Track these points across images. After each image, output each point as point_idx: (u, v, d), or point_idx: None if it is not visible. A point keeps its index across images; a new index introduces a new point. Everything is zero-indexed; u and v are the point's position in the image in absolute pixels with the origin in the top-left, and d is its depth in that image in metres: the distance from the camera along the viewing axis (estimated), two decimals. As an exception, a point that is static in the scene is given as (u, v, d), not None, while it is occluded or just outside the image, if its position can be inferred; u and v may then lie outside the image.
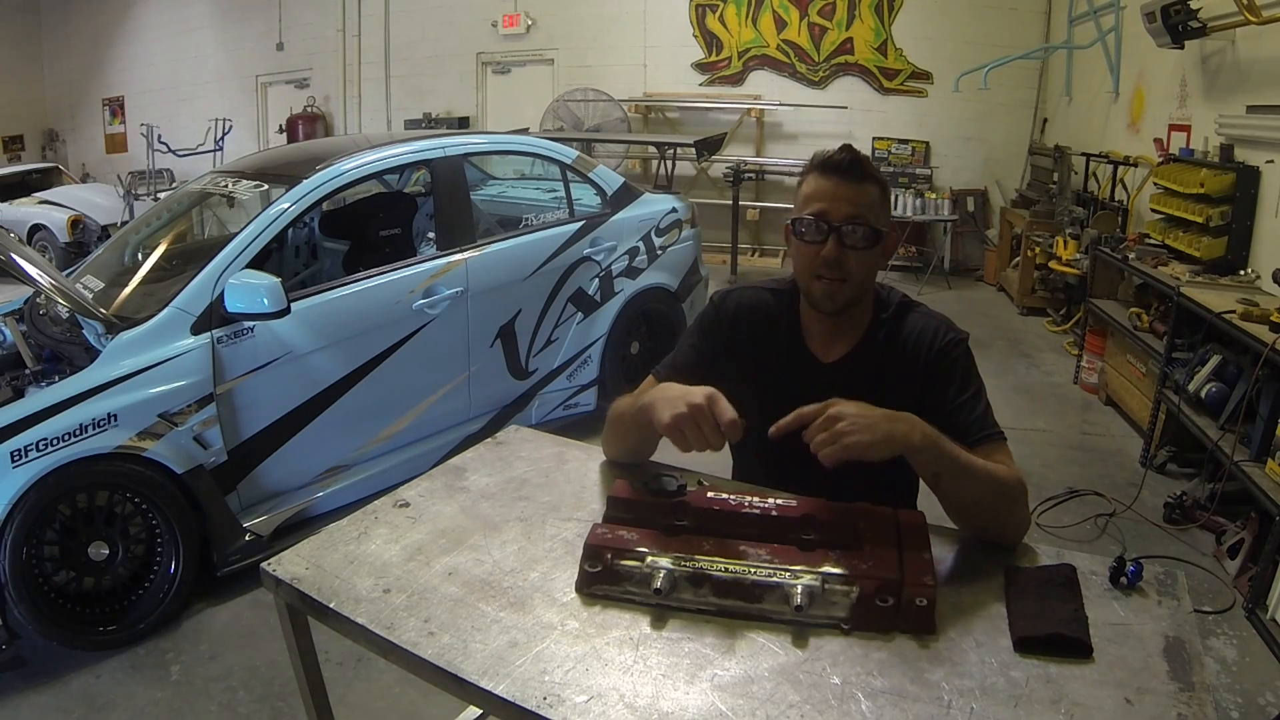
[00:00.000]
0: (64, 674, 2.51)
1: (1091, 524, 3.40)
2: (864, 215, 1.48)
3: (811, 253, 1.50)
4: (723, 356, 1.64)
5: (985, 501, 1.36)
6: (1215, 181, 4.00)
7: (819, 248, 1.49)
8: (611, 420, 1.65)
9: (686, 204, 4.73)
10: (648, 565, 1.24)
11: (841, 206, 1.48)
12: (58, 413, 2.50)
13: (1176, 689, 1.06)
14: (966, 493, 1.35)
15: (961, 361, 1.53)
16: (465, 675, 1.11)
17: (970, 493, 1.35)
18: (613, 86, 8.82)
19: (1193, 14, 4.28)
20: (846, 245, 1.48)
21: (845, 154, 1.52)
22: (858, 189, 1.49)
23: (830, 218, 1.48)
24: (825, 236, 1.48)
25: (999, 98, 7.72)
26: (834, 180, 1.50)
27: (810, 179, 1.53)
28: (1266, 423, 2.98)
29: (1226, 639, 2.70)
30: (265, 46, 10.72)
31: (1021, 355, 5.65)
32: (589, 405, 4.21)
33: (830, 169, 1.51)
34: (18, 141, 12.17)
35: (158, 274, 3.15)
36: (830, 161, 1.51)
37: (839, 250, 1.48)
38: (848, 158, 1.51)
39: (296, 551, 1.40)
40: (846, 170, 1.50)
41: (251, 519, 2.94)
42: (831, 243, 1.48)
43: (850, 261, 1.49)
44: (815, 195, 1.51)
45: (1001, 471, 1.37)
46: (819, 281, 1.51)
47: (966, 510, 1.38)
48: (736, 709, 1.04)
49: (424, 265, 3.49)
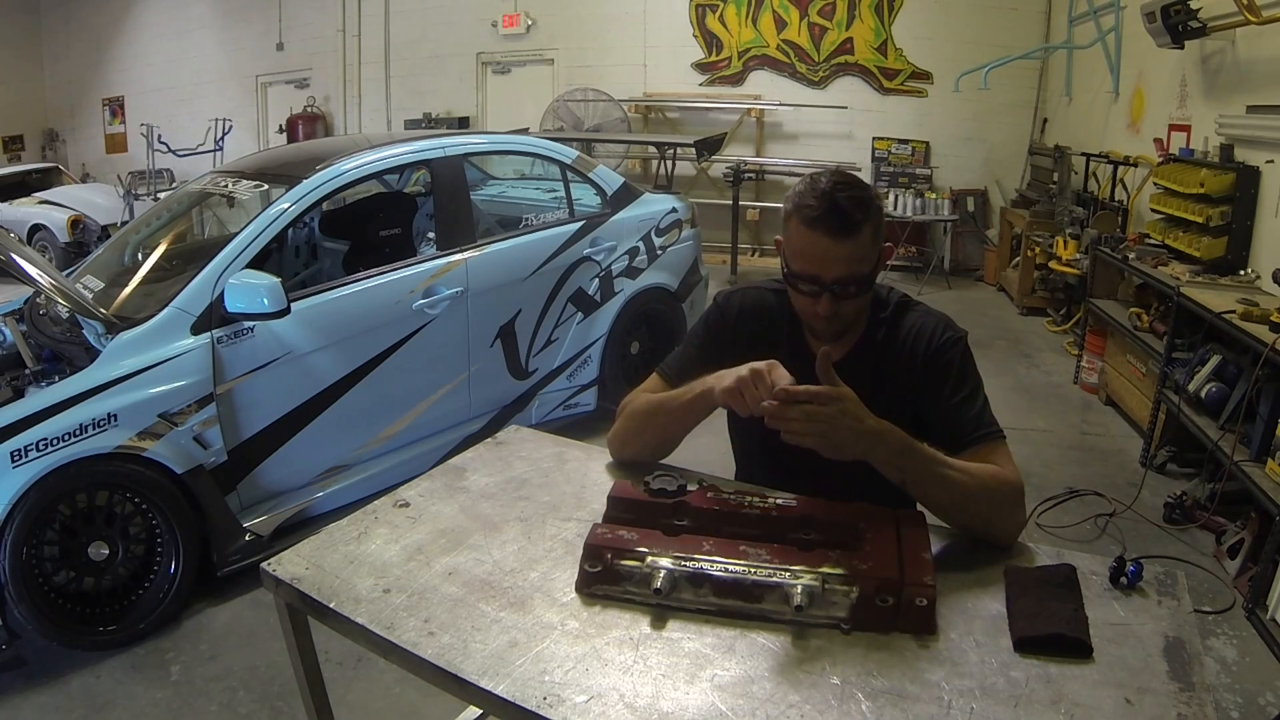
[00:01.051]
0: (64, 674, 2.51)
1: (1091, 524, 3.40)
2: (856, 270, 1.45)
3: (808, 302, 1.50)
4: (727, 355, 1.64)
5: (960, 506, 1.36)
6: (1215, 181, 4.00)
7: (814, 301, 1.48)
8: (630, 416, 1.64)
9: (686, 204, 4.73)
10: (648, 565, 1.24)
11: (834, 269, 1.44)
12: (58, 413, 2.51)
13: (1176, 689, 1.06)
14: (936, 499, 1.36)
15: (959, 359, 1.53)
16: (465, 675, 1.11)
17: (941, 499, 1.36)
18: (613, 86, 8.82)
19: (1193, 14, 4.28)
20: (840, 298, 1.47)
21: (826, 206, 1.41)
22: (849, 244, 1.43)
23: (822, 280, 1.46)
24: (819, 295, 1.47)
25: (999, 98, 7.72)
26: (823, 239, 1.42)
27: (797, 227, 1.46)
28: (1266, 423, 2.98)
29: (1226, 639, 2.70)
30: (265, 46, 10.72)
31: (1021, 355, 5.65)
32: (589, 405, 4.21)
33: (818, 227, 1.42)
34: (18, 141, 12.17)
35: (158, 274, 3.15)
36: (819, 220, 1.41)
37: (834, 304, 1.47)
38: (834, 216, 1.41)
39: (296, 551, 1.40)
40: (835, 229, 1.41)
41: (251, 519, 2.94)
42: (826, 300, 1.47)
43: (845, 308, 1.50)
44: (804, 253, 1.46)
45: (985, 476, 1.36)
46: (817, 320, 1.52)
47: (943, 514, 1.39)
48: (736, 709, 1.04)
49: (424, 265, 3.49)
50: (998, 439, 1.46)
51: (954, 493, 1.34)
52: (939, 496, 1.35)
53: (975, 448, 1.44)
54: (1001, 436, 1.47)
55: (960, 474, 1.35)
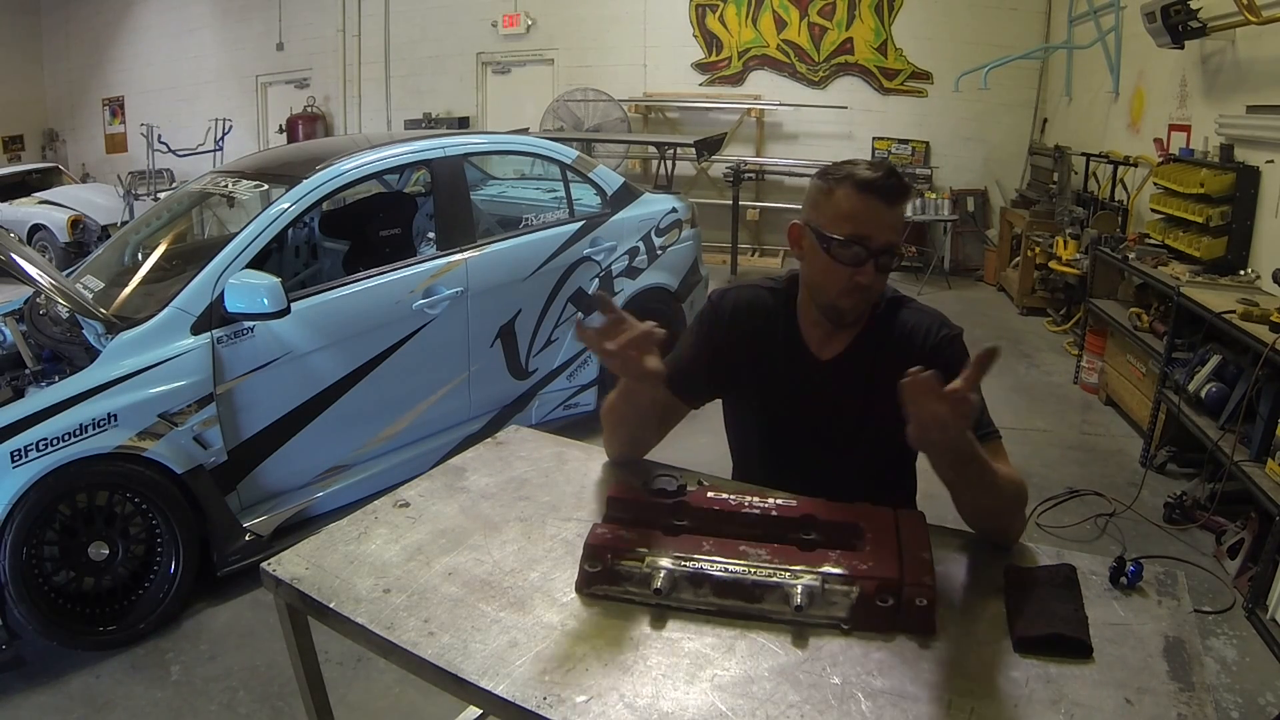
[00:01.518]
0: (64, 674, 2.51)
1: (1091, 524, 3.40)
2: (897, 241, 1.47)
3: (845, 274, 1.46)
4: (722, 354, 1.65)
5: (995, 510, 1.36)
6: (1215, 181, 4.00)
7: (854, 271, 1.45)
8: (604, 415, 1.64)
9: (686, 204, 4.73)
10: (648, 565, 1.24)
11: (884, 234, 1.45)
12: (58, 413, 2.50)
13: (1176, 689, 1.06)
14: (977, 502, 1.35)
15: (957, 357, 1.52)
16: (465, 675, 1.11)
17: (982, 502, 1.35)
18: (613, 86, 8.82)
19: (1193, 14, 4.28)
20: (879, 269, 1.46)
21: (888, 176, 1.44)
22: (897, 213, 1.46)
23: (871, 244, 1.44)
24: (863, 261, 1.45)
25: (999, 98, 7.72)
26: (876, 203, 1.44)
27: (847, 194, 1.45)
28: (1266, 423, 2.98)
29: (1226, 639, 2.70)
30: (265, 46, 10.72)
31: (1021, 355, 5.65)
32: (589, 405, 4.21)
33: (874, 190, 1.43)
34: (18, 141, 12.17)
35: (158, 274, 3.15)
36: (875, 184, 1.43)
37: (875, 275, 1.46)
38: (893, 182, 1.44)
39: (296, 551, 1.40)
40: (890, 194, 1.44)
41: (251, 519, 2.94)
42: (870, 268, 1.45)
43: (880, 282, 1.49)
44: (854, 216, 1.44)
45: (1010, 479, 1.37)
46: (848, 298, 1.49)
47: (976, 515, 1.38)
48: (736, 709, 1.04)
49: (424, 265, 3.48)
50: (995, 439, 1.46)
51: (994, 496, 1.34)
52: (983, 500, 1.34)
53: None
54: (999, 437, 1.47)
55: (1000, 479, 1.34)
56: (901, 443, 1.58)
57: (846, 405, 1.56)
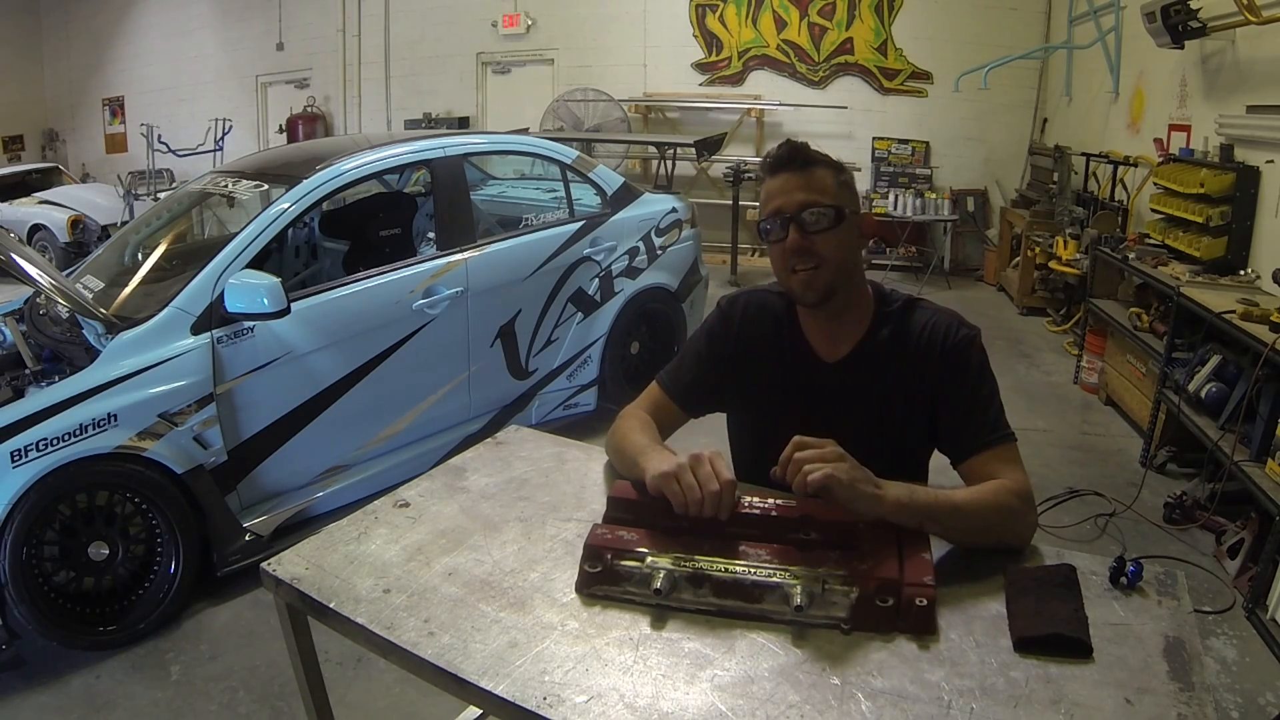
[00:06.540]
0: (64, 674, 2.51)
1: (1091, 524, 3.40)
2: (817, 199, 1.50)
3: (780, 250, 1.52)
4: (728, 362, 1.65)
5: (979, 531, 1.34)
6: (1215, 181, 4.00)
7: (784, 243, 1.51)
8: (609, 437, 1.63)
9: (686, 204, 4.73)
10: (648, 565, 1.24)
11: (794, 196, 1.50)
12: (58, 413, 2.50)
13: (1176, 689, 1.06)
14: (956, 531, 1.34)
15: (975, 359, 1.52)
16: (465, 675, 1.11)
17: (958, 528, 1.34)
18: (613, 86, 8.82)
19: (1193, 14, 4.28)
20: (809, 231, 1.49)
21: (785, 148, 1.55)
22: (805, 176, 1.52)
23: (785, 210, 1.50)
24: (786, 229, 1.50)
25: (999, 98, 7.72)
26: (781, 175, 1.53)
27: (766, 182, 1.56)
28: (1266, 423, 2.97)
29: (1226, 639, 2.70)
30: (265, 46, 10.72)
31: (1021, 355, 5.65)
32: (589, 405, 4.21)
33: (776, 166, 1.54)
34: (18, 141, 12.18)
35: (158, 274, 3.15)
36: (779, 159, 1.54)
37: (802, 237, 1.49)
38: (787, 150, 1.54)
39: (296, 551, 1.40)
40: (789, 162, 1.53)
41: (251, 519, 2.94)
42: (793, 232, 1.49)
43: (818, 245, 1.49)
44: (769, 195, 1.54)
45: (992, 493, 1.35)
46: (795, 275, 1.52)
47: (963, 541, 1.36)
48: (736, 709, 1.04)
49: (424, 265, 3.49)
50: (1010, 442, 1.46)
51: (968, 521, 1.33)
52: (955, 529, 1.33)
53: (988, 451, 1.44)
54: (1013, 439, 1.47)
55: (968, 501, 1.34)
56: (913, 442, 1.60)
57: (856, 407, 1.56)
